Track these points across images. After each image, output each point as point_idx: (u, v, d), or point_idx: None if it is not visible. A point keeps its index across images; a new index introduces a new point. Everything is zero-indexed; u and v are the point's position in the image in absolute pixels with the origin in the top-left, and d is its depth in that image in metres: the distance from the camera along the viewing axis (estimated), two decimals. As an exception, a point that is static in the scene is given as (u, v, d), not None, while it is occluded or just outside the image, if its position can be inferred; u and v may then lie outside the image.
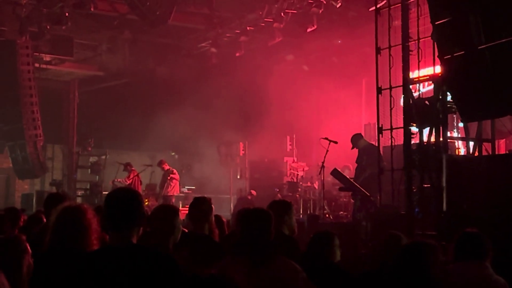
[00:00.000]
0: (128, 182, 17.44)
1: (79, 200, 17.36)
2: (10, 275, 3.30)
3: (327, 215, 14.01)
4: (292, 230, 5.38)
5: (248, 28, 16.94)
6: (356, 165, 12.61)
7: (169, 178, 17.58)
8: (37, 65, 17.16)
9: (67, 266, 3.37)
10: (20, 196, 18.90)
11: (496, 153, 10.09)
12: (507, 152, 11.04)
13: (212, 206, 5.54)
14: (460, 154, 11.79)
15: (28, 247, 3.48)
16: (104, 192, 17.00)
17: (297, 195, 15.72)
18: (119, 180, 17.60)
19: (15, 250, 3.42)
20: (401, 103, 10.35)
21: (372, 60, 10.97)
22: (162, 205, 5.42)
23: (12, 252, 3.40)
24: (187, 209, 5.86)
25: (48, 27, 16.17)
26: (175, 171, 17.92)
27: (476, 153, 9.66)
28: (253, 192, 17.04)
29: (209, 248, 5.02)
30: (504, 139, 11.81)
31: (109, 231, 3.41)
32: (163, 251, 3.59)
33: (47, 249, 3.94)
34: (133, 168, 17.89)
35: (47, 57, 17.84)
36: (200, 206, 5.48)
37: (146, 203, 17.07)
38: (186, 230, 5.60)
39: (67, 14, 15.53)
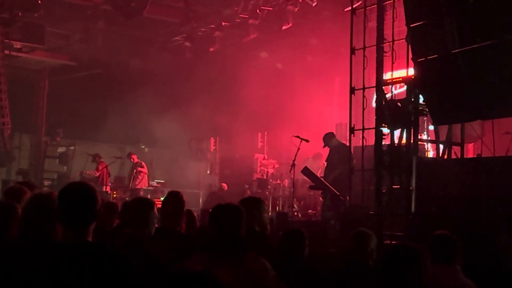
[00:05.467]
0: (97, 174, 17.27)
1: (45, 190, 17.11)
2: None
3: (296, 213, 14.05)
4: (263, 227, 5.36)
5: (223, 23, 16.89)
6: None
7: (135, 171, 17.48)
8: (7, 52, 16.86)
9: (27, 259, 3.30)
10: (-15, 184, 18.59)
11: (465, 156, 10.23)
12: (475, 156, 11.18)
13: (185, 201, 5.51)
14: (429, 156, 11.92)
15: None
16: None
17: (267, 192, 15.74)
18: (88, 172, 17.43)
19: None
20: (373, 104, 10.42)
21: (345, 60, 11.02)
22: (138, 197, 5.35)
23: None
24: (157, 202, 5.82)
25: (20, 14, 15.93)
26: (143, 164, 17.81)
27: (446, 156, 9.78)
28: (224, 185, 17.01)
29: (181, 243, 4.99)
30: (472, 143, 11.98)
31: (63, 227, 3.32)
32: (125, 250, 3.51)
33: (16, 238, 3.87)
34: (101, 160, 17.72)
35: (17, 45, 17.54)
36: (174, 201, 5.44)
37: (114, 195, 16.94)
38: (157, 225, 5.56)
39: (39, 1, 15.32)
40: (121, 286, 3.14)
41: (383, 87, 9.92)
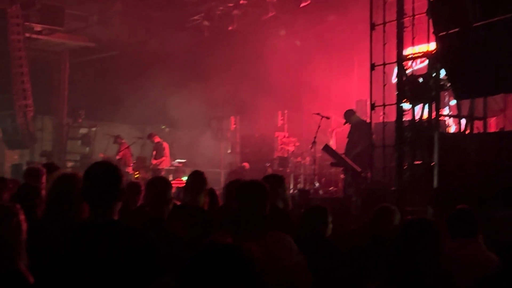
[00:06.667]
0: (118, 157, 17.36)
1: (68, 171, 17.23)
2: (9, 243, 3.30)
3: (317, 191, 14.05)
4: (286, 204, 5.40)
5: (241, 1, 16.80)
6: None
7: (155, 152, 17.58)
8: (27, 35, 16.96)
9: (48, 238, 3.35)
10: (10, 166, 18.82)
11: (487, 131, 10.14)
12: (498, 130, 11.08)
13: (207, 179, 5.56)
14: (450, 131, 11.84)
15: (23, 214, 3.47)
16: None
17: (288, 170, 15.73)
18: (108, 156, 17.50)
19: (12, 218, 3.41)
20: (394, 80, 10.34)
21: (364, 37, 10.93)
22: (155, 177, 5.42)
23: (9, 219, 3.39)
24: (178, 182, 5.89)
25: (39, -4, 16.01)
26: (165, 144, 17.89)
27: (468, 131, 9.70)
28: (246, 164, 17.02)
29: (203, 220, 5.03)
30: (495, 117, 11.86)
31: (89, 207, 3.37)
32: (146, 228, 3.55)
33: (40, 217, 3.93)
34: (123, 141, 17.82)
35: (37, 27, 17.62)
36: (199, 178, 5.50)
37: (137, 176, 17.05)
38: (178, 203, 5.61)
39: (58, -17, 15.36)
40: (145, 264, 3.18)
41: (404, 63, 9.84)
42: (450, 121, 12.35)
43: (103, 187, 3.30)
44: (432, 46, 9.22)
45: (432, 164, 8.95)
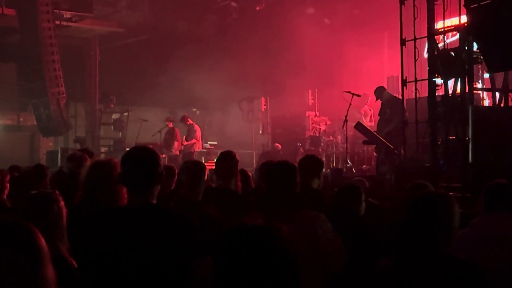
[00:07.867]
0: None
1: (102, 157, 17.42)
2: (51, 230, 3.36)
3: (350, 169, 14.00)
4: (320, 184, 5.42)
5: (268, -19, 16.72)
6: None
7: (183, 136, 17.63)
8: (57, 22, 17.12)
9: (89, 223, 3.40)
10: (45, 153, 19.12)
11: (522, 103, 9.96)
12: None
13: (238, 160, 5.56)
14: (485, 105, 11.67)
15: (62, 200, 3.54)
16: (127, 149, 17.03)
17: (320, 149, 15.69)
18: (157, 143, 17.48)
19: (53, 204, 3.47)
20: (425, 55, 10.20)
21: (394, 12, 10.79)
22: (189, 160, 5.45)
23: (50, 206, 3.46)
24: (210, 164, 5.93)
25: (67, -17, 16.12)
26: (196, 127, 17.97)
27: (502, 104, 9.55)
28: (278, 145, 16.98)
29: (236, 202, 5.06)
30: (530, 90, 11.63)
31: (128, 191, 3.40)
32: (182, 211, 3.58)
33: (78, 203, 3.99)
34: (171, 124, 17.77)
35: (67, 14, 17.78)
36: (227, 160, 5.51)
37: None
38: (213, 185, 5.64)
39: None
40: (185, 246, 3.22)
41: (435, 37, 9.69)
42: (484, 94, 12.16)
43: (143, 171, 3.32)
44: (463, 19, 9.06)
45: (466, 139, 8.84)
